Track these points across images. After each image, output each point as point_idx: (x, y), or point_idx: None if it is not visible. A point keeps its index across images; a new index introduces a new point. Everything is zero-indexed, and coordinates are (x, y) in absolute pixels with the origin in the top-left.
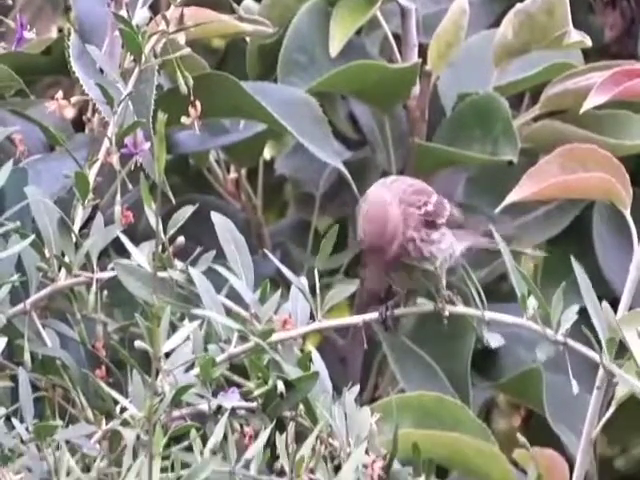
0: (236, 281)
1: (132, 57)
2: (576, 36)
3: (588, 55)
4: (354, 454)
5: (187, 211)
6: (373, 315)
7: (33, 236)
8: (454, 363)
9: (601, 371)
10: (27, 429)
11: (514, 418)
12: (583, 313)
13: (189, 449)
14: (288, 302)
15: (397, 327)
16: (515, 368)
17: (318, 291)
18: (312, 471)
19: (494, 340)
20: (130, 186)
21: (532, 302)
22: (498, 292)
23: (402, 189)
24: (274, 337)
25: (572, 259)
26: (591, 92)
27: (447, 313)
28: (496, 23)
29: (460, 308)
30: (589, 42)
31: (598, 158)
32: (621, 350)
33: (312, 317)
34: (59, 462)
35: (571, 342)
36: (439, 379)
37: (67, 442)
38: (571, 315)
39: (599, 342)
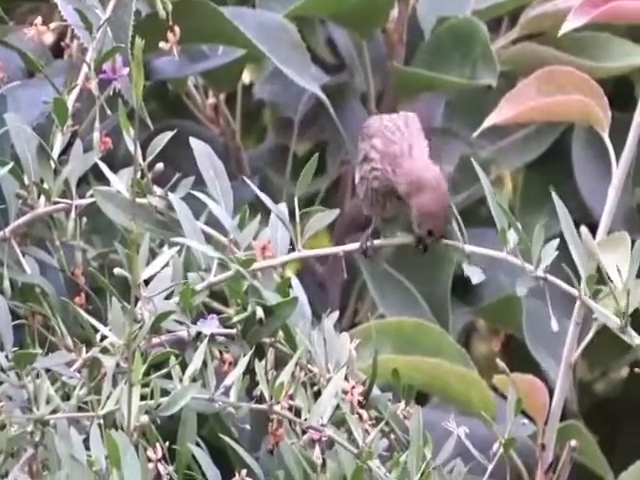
0: (215, 207)
1: None
2: None
3: None
4: (333, 380)
5: (165, 137)
6: (354, 245)
7: (12, 163)
8: (434, 288)
9: (579, 305)
10: (7, 357)
11: (494, 343)
12: (563, 241)
13: (168, 376)
14: (267, 228)
15: (377, 255)
16: (495, 293)
17: (298, 219)
18: (291, 397)
19: (475, 275)
20: (109, 112)
21: (512, 236)
22: (477, 216)
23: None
24: (254, 265)
25: (551, 189)
26: (569, 14)
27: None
28: None
29: (440, 240)
30: None
31: (576, 80)
32: (601, 279)
33: (291, 244)
34: (39, 390)
35: (551, 278)
36: (419, 304)
37: (47, 370)
38: (551, 251)
39: (578, 275)
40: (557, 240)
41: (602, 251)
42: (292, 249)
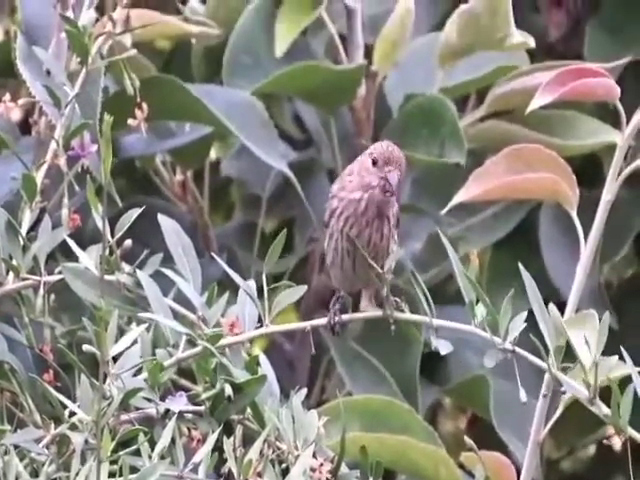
0: (184, 284)
1: (79, 59)
2: (519, 37)
3: (534, 54)
4: (302, 457)
5: (134, 214)
6: (321, 321)
7: None
8: (402, 367)
9: (547, 378)
10: None
11: (460, 420)
12: (531, 316)
13: (137, 453)
14: (235, 305)
15: (345, 332)
16: (462, 373)
17: (266, 295)
18: (260, 474)
19: (443, 347)
20: (77, 188)
21: (480, 309)
22: (445, 293)
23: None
24: (222, 341)
25: (519, 265)
26: (537, 92)
27: (394, 320)
28: (441, 24)
29: (408, 315)
30: (532, 43)
31: (544, 158)
32: (568, 355)
33: (260, 321)
34: (7, 466)
35: (519, 350)
36: (387, 383)
37: (15, 446)
38: (519, 323)
39: (546, 349)
40: (525, 313)
41: (570, 328)
42: (260, 326)
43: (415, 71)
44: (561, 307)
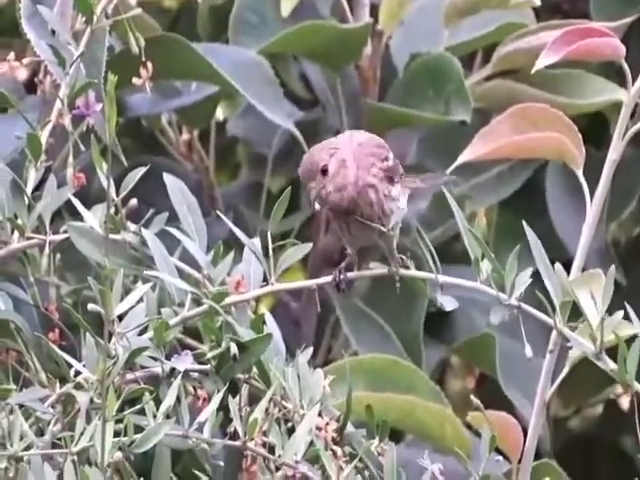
0: (189, 243)
1: (83, 18)
2: None
3: (540, 14)
4: (307, 416)
5: (139, 173)
6: (327, 278)
7: None
8: (407, 325)
9: (554, 334)
10: None
11: (468, 380)
12: (537, 276)
13: (142, 412)
14: (241, 264)
15: (350, 290)
16: (469, 331)
17: (271, 253)
18: (265, 434)
19: (448, 303)
20: (83, 148)
21: (486, 265)
22: (451, 253)
23: (360, 141)
24: (227, 300)
25: (524, 223)
26: (542, 52)
27: (399, 277)
28: None
29: (414, 272)
30: (537, 2)
31: (550, 117)
32: (574, 314)
33: (265, 280)
34: (13, 426)
35: (525, 306)
36: (392, 341)
37: (21, 406)
38: (524, 279)
39: (553, 305)
40: (530, 269)
41: (576, 286)
42: (266, 284)
43: (421, 29)
44: (568, 266)
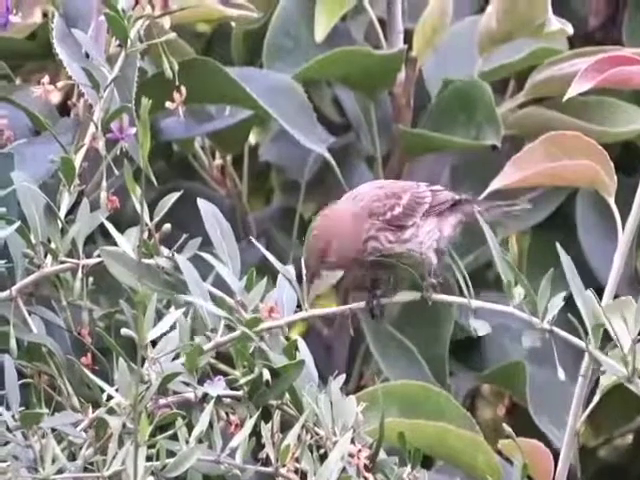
0: (222, 268)
1: (117, 42)
2: (556, 24)
3: (573, 42)
4: (340, 443)
5: (173, 197)
6: (360, 304)
7: (19, 222)
8: (434, 350)
9: (586, 358)
10: (13, 417)
11: (499, 408)
12: (568, 302)
13: (175, 437)
14: (274, 290)
15: (383, 315)
16: (500, 359)
17: (304, 279)
18: (297, 460)
19: (481, 327)
20: (116, 171)
21: (518, 290)
22: (484, 280)
23: (366, 198)
24: (261, 326)
25: (557, 246)
26: (575, 79)
27: (432, 301)
28: (481, 10)
29: (446, 296)
30: (570, 30)
31: (583, 145)
32: (605, 341)
33: (299, 305)
34: (45, 450)
35: (557, 330)
36: (420, 366)
37: (53, 430)
38: (557, 302)
39: (585, 329)
40: (563, 293)
41: (608, 312)
42: (299, 310)
43: (454, 56)
44: (598, 294)
